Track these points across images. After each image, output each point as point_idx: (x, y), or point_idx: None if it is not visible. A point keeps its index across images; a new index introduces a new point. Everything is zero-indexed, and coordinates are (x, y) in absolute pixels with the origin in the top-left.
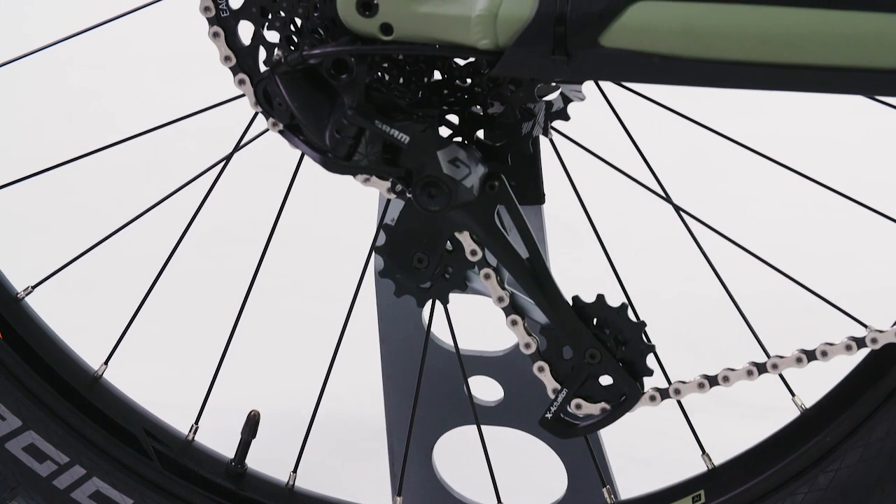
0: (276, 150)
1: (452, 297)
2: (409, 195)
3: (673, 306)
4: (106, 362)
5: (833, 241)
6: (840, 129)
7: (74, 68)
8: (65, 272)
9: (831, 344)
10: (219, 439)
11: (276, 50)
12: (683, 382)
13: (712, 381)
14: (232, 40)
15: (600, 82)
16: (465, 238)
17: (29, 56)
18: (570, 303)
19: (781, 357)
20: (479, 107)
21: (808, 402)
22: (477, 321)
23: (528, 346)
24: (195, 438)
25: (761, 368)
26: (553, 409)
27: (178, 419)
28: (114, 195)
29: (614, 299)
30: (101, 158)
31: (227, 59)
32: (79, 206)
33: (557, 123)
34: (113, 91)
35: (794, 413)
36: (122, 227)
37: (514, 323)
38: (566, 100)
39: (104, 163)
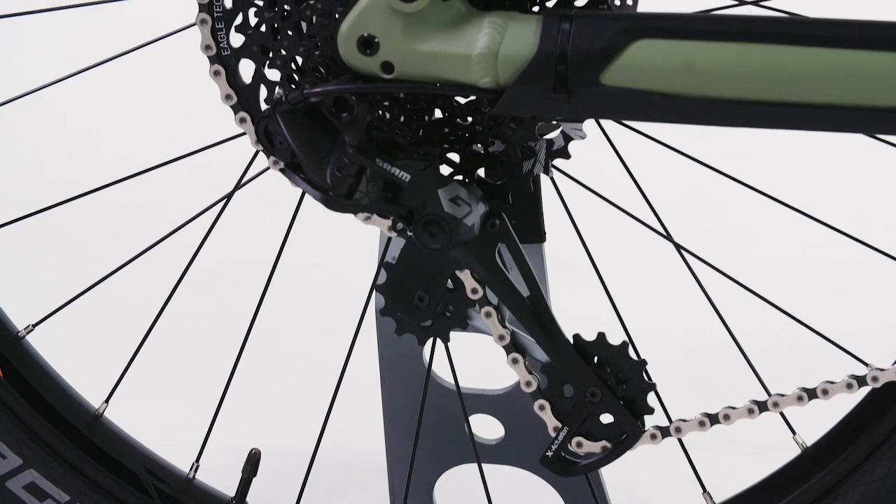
0: (276, 189)
1: (453, 335)
2: (409, 233)
3: (674, 345)
4: (107, 400)
5: (833, 280)
6: (841, 168)
7: (74, 107)
8: (65, 311)
9: (832, 382)
10: (220, 478)
11: (277, 88)
12: (684, 421)
13: (713, 419)
14: (233, 79)
15: (601, 120)
16: (465, 276)
17: (29, 95)
18: (571, 341)
19: (782, 395)
20: (480, 145)
21: (810, 440)
22: (478, 359)
23: (528, 384)
24: (196, 477)
25: (762, 407)
26: (554, 447)
27: (178, 457)
28: (114, 234)
29: (615, 337)
30: (101, 197)
31: (228, 97)
32: (79, 244)
33: (558, 162)
34: (113, 130)
35: (795, 451)
36: (122, 265)
37: (514, 361)
38: (567, 138)
39: (105, 201)
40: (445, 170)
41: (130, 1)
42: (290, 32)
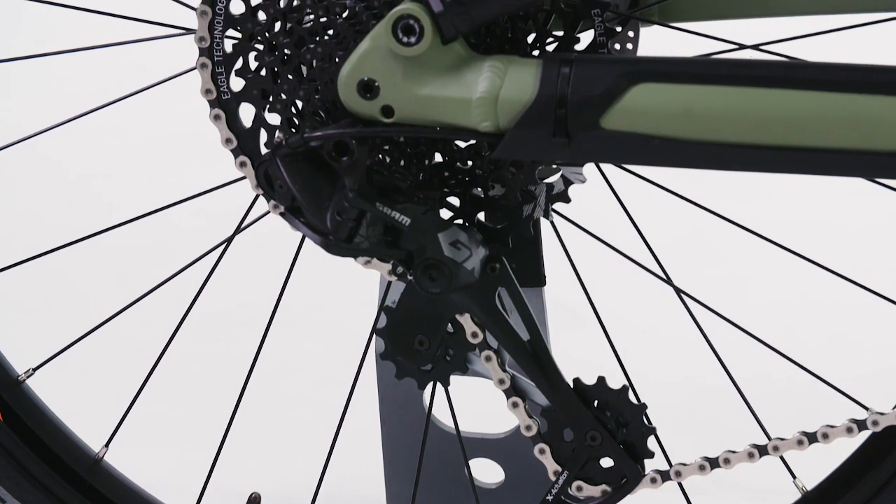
0: (276, 233)
1: (453, 379)
2: (410, 277)
3: (674, 388)
4: (107, 444)
5: (834, 324)
6: (840, 212)
7: (75, 151)
8: (65, 355)
9: (832, 426)
10: None
11: (277, 132)
12: (684, 465)
13: (713, 463)
14: (233, 122)
15: (601, 164)
16: (466, 320)
17: (29, 139)
18: (571, 385)
19: (782, 439)
20: (480, 189)
21: (810, 484)
22: (478, 403)
23: (529, 428)
24: None
25: (762, 451)
26: (554, 491)
27: (179, 502)
28: (115, 278)
29: (615, 381)
30: (102, 241)
31: (228, 141)
32: (80, 288)
33: (558, 206)
34: (113, 174)
35: (796, 495)
36: (123, 309)
37: (515, 405)
38: (567, 182)
39: (105, 246)
40: (445, 214)
41: (131, 45)
42: (290, 76)
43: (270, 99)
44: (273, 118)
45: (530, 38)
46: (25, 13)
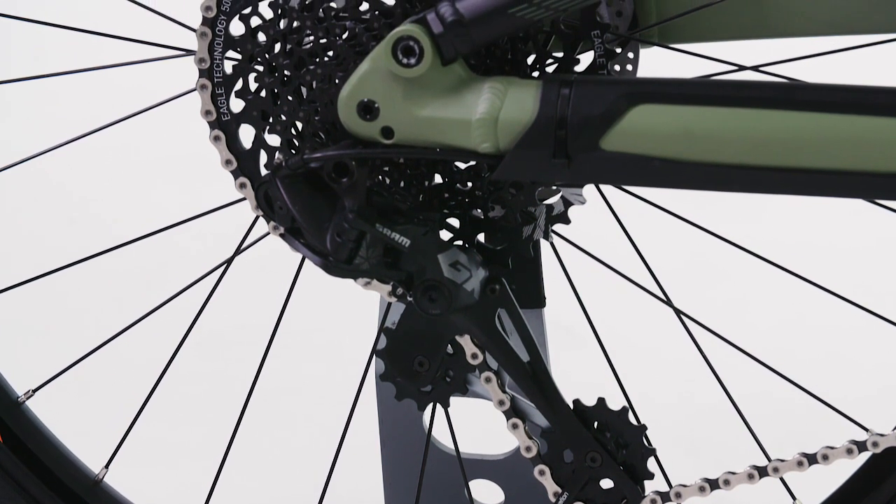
0: (276, 254)
1: (453, 400)
2: (409, 299)
3: (673, 409)
4: (107, 466)
5: (833, 344)
6: (840, 233)
7: (74, 173)
8: (65, 376)
9: (832, 447)
10: None
11: (277, 154)
12: (684, 486)
13: (713, 484)
14: (233, 144)
15: (601, 185)
16: (465, 342)
17: (29, 161)
18: (571, 406)
19: (782, 460)
20: (479, 210)
21: None
22: (478, 424)
23: (528, 449)
24: None
25: (762, 472)
26: None
27: None
28: (115, 299)
29: (615, 402)
30: (101, 262)
31: (228, 162)
32: (80, 309)
33: (558, 227)
34: (113, 195)
35: None
36: (123, 330)
37: (514, 426)
38: (567, 203)
39: (105, 267)
40: (445, 235)
41: (131, 66)
42: (290, 98)
43: (270, 120)
44: (273, 139)
45: (530, 60)
46: (25, 34)
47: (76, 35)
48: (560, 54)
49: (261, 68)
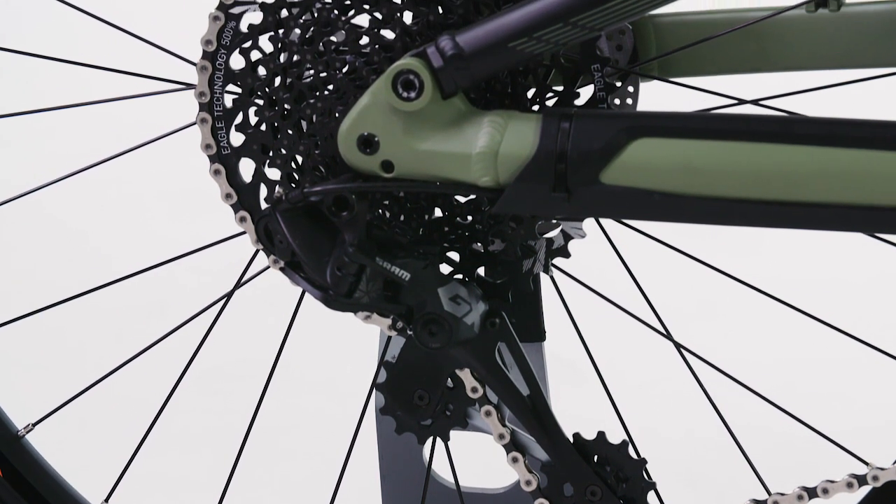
0: (277, 288)
1: (453, 433)
2: (409, 332)
3: (674, 443)
4: (107, 500)
5: (833, 378)
6: (840, 266)
7: (74, 206)
8: (65, 410)
9: (832, 481)
10: None
11: (277, 187)
12: None
13: None
14: (233, 178)
15: (601, 219)
16: (465, 375)
17: (29, 195)
18: (571, 440)
19: (782, 494)
20: (479, 244)
21: None
22: (478, 458)
23: (528, 483)
24: None
25: None
26: None
27: None
28: (115, 333)
29: (615, 436)
30: (101, 296)
31: (228, 196)
32: (80, 343)
33: (558, 260)
34: (112, 229)
35: None
36: (123, 364)
37: (514, 460)
38: (567, 237)
39: (105, 300)
40: (445, 268)
41: (131, 100)
42: (290, 131)
43: (270, 154)
44: (273, 173)
45: (530, 93)
46: (26, 67)
47: (76, 69)
48: (560, 88)
49: (261, 102)
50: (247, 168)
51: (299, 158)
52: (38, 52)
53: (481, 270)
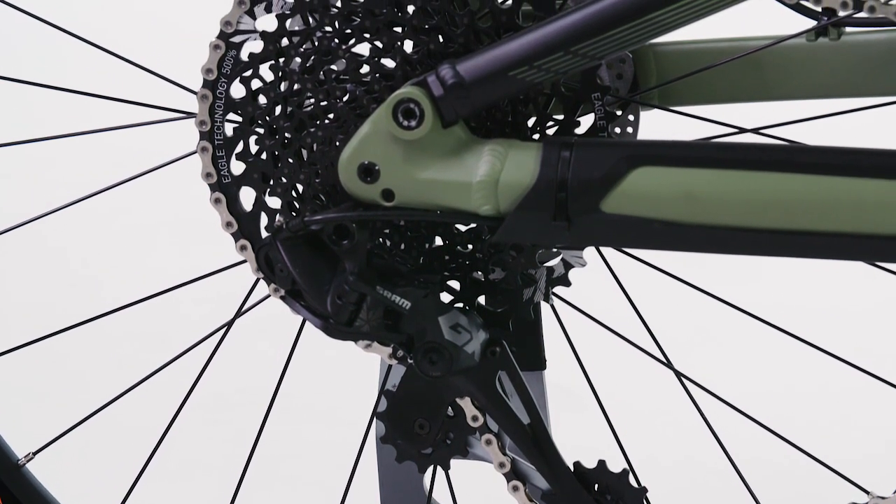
0: (277, 316)
1: (454, 462)
2: (410, 361)
3: (674, 472)
4: None
5: (834, 406)
6: (840, 295)
7: (74, 236)
8: (66, 439)
9: None
10: None
11: (277, 216)
12: None
13: None
14: (233, 206)
15: (601, 248)
16: (466, 404)
17: (29, 224)
18: (572, 468)
19: None
20: (480, 273)
21: None
22: (478, 487)
23: None
24: None
25: None
26: None
27: None
28: (115, 362)
29: (616, 465)
30: (101, 325)
31: (228, 225)
32: (80, 372)
33: (558, 289)
34: (113, 258)
35: None
36: (123, 392)
37: (515, 489)
38: (567, 265)
39: (105, 329)
40: (446, 297)
41: (131, 129)
42: (290, 160)
43: (271, 182)
44: (273, 202)
45: (530, 122)
46: (25, 96)
47: (76, 97)
48: (560, 117)
49: (261, 131)
50: (247, 197)
51: (300, 187)
52: (38, 80)
53: (482, 299)
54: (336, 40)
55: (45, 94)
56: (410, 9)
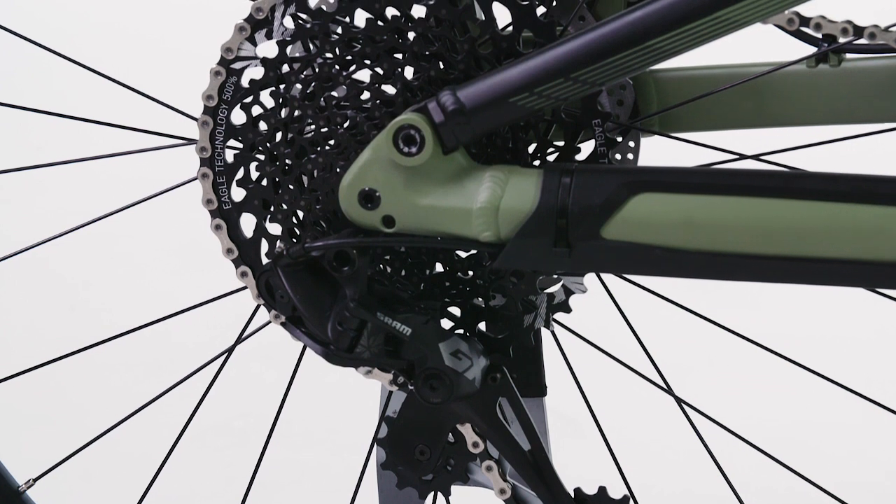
0: (278, 343)
1: (454, 488)
2: (410, 387)
3: (675, 499)
4: None
5: (836, 434)
6: (841, 321)
7: (75, 262)
8: (66, 465)
9: None
10: None
11: (278, 242)
12: None
13: None
14: (234, 233)
15: (602, 274)
16: (467, 430)
17: (29, 250)
18: (572, 495)
19: None
20: (481, 299)
21: None
22: None
23: None
24: None
25: None
26: None
27: None
28: (115, 388)
29: (616, 491)
30: (102, 351)
31: (229, 251)
32: (80, 398)
33: (559, 315)
34: (114, 284)
35: None
36: (124, 419)
37: None
38: (568, 292)
39: (105, 355)
40: (446, 323)
41: (132, 155)
42: (291, 186)
43: (271, 209)
44: (274, 228)
45: (531, 148)
46: (26, 122)
47: (76, 123)
48: (561, 143)
49: (262, 157)
50: (248, 223)
51: (300, 213)
52: (39, 107)
53: (482, 325)
54: (337, 67)
55: (45, 121)
56: (411, 35)
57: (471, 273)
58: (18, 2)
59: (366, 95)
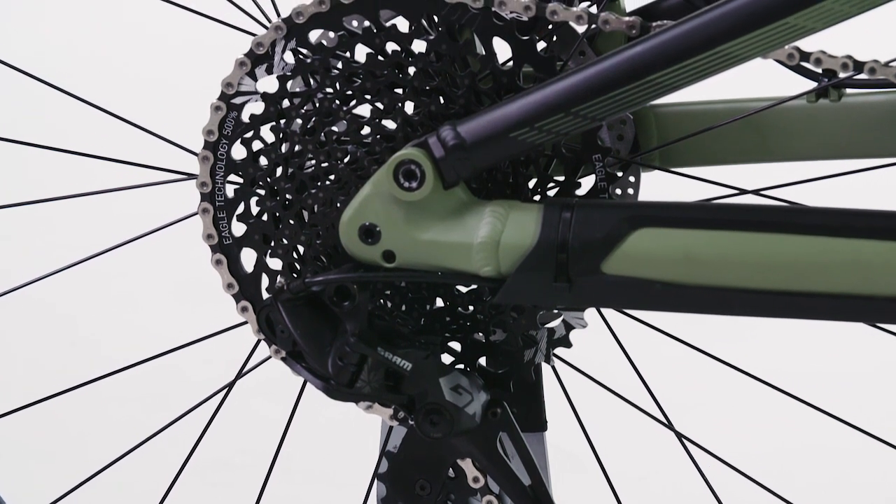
0: (278, 378)
1: None
2: (411, 422)
3: None
4: None
5: (836, 468)
6: (841, 356)
7: (75, 297)
8: (66, 500)
9: None
10: None
11: (278, 277)
12: None
13: None
14: (234, 268)
15: (602, 309)
16: (467, 465)
17: (29, 285)
18: None
19: None
20: (481, 334)
21: None
22: None
23: None
24: None
25: None
26: None
27: None
28: (115, 423)
29: None
30: (102, 386)
31: (229, 286)
32: (80, 434)
33: (559, 350)
34: (113, 319)
35: None
36: (124, 454)
37: None
38: (568, 326)
39: (106, 390)
40: (447, 358)
41: (132, 190)
42: (291, 221)
43: (272, 244)
44: (274, 263)
45: (531, 183)
46: (24, 157)
47: (76, 158)
48: (561, 178)
49: (262, 192)
50: (248, 258)
51: (301, 248)
52: (38, 141)
53: (483, 360)
54: (337, 101)
55: (44, 155)
56: (411, 70)
57: (471, 308)
58: (18, 37)
59: (366, 130)
